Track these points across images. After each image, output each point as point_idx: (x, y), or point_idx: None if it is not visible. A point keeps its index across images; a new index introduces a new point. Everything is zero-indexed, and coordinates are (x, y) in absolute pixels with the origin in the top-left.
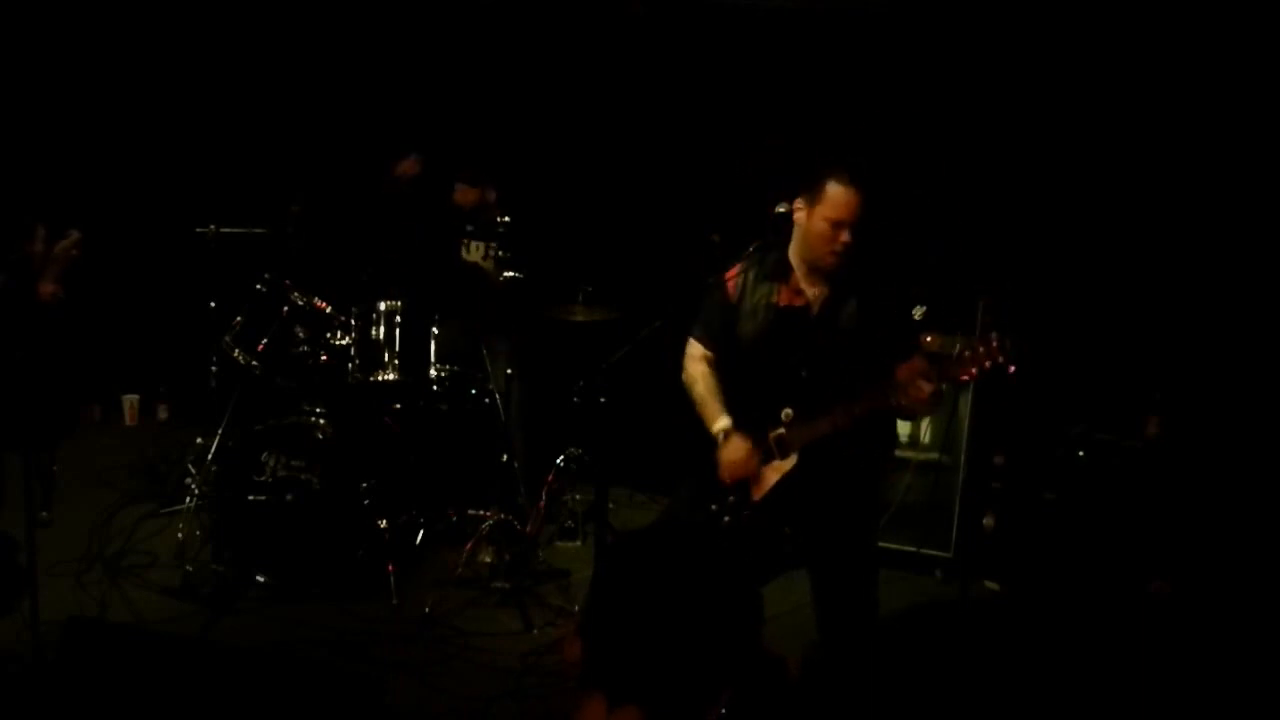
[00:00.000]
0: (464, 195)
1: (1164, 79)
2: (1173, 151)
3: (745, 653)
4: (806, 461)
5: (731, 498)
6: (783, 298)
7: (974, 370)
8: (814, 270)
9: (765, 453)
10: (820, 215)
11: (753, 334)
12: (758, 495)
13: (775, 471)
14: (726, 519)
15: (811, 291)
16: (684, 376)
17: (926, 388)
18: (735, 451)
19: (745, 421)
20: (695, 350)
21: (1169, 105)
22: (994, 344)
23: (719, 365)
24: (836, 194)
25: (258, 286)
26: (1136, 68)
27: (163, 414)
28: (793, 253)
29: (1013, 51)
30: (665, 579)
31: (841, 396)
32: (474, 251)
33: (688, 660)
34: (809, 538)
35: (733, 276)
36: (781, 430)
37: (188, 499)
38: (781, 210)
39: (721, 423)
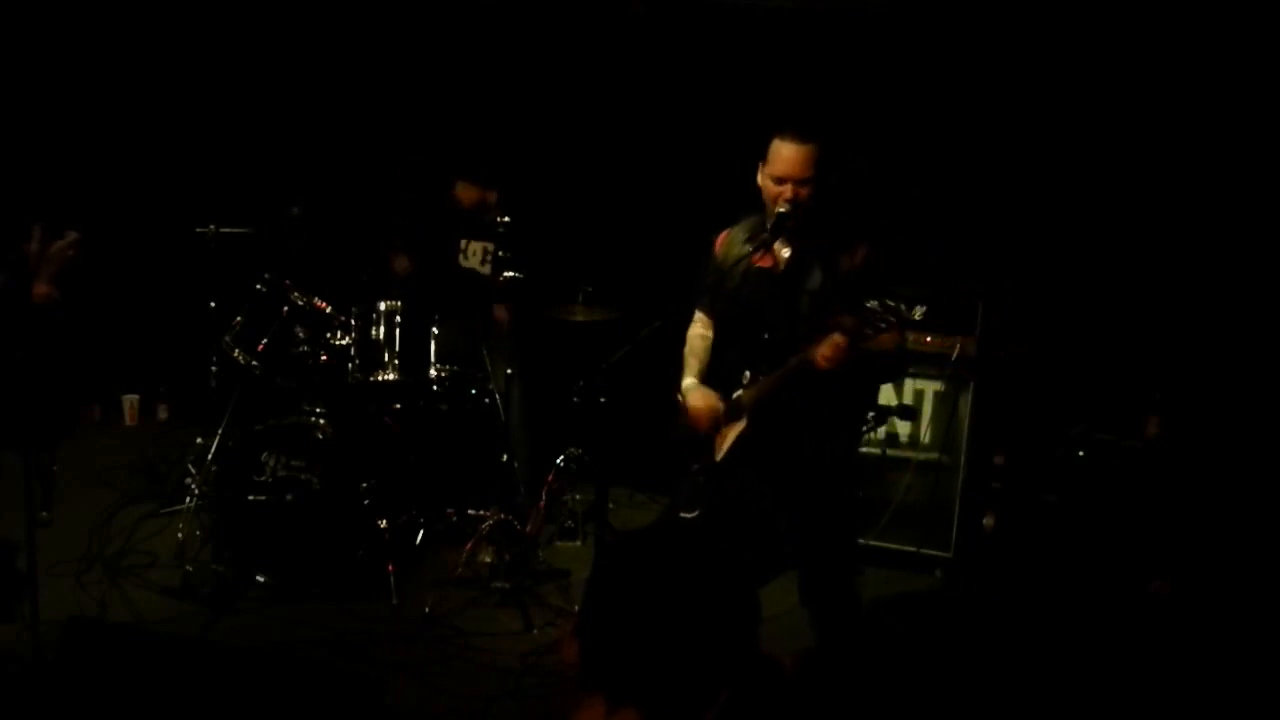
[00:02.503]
0: (465, 193)
1: (1164, 79)
2: (1172, 152)
3: (742, 653)
4: (756, 422)
5: (697, 447)
6: (760, 260)
7: (883, 328)
8: (782, 231)
9: (729, 414)
10: (767, 173)
11: (730, 295)
12: (718, 455)
13: (731, 431)
14: (701, 478)
15: (782, 253)
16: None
17: (838, 341)
18: (695, 404)
19: (721, 383)
20: (698, 315)
21: (1169, 105)
22: (892, 305)
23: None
24: (777, 150)
25: (258, 286)
26: (1136, 68)
27: (163, 414)
28: (770, 229)
29: (1013, 51)
30: (661, 579)
31: (787, 357)
32: (471, 258)
33: (685, 661)
34: (779, 499)
35: (722, 240)
36: (740, 392)
37: (188, 499)
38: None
39: (687, 381)
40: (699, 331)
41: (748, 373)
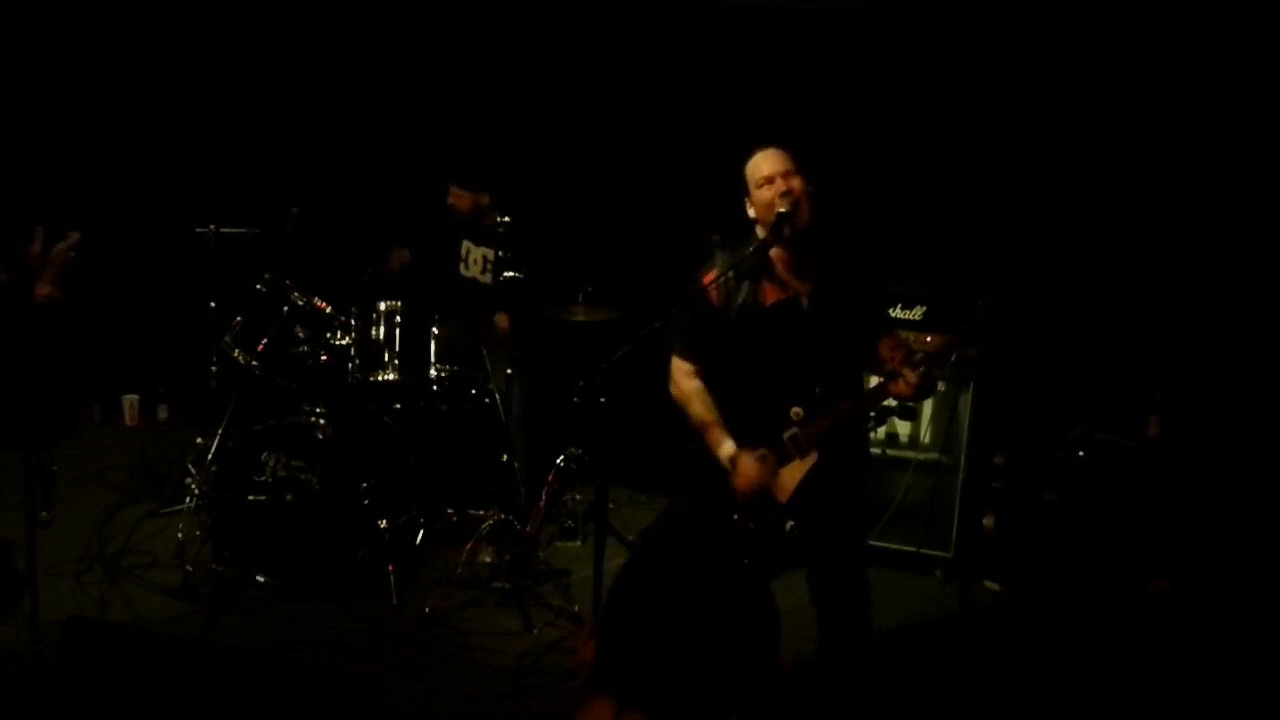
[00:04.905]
0: (459, 199)
1: (1164, 79)
2: (1173, 151)
3: (758, 669)
4: (826, 454)
5: (753, 505)
6: (768, 295)
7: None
8: (798, 261)
9: (782, 455)
10: (754, 188)
11: (745, 337)
12: (783, 497)
13: (796, 470)
14: (752, 525)
15: (799, 283)
16: (674, 392)
17: (912, 377)
18: (749, 472)
19: (752, 425)
20: (682, 365)
21: (1169, 105)
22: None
23: (706, 376)
24: (754, 164)
25: (258, 286)
26: (1137, 67)
27: (163, 414)
28: (770, 233)
29: (1014, 51)
30: (689, 587)
31: (848, 387)
32: (473, 266)
33: (700, 671)
34: (811, 520)
35: (712, 282)
36: (795, 430)
37: (188, 499)
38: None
39: (727, 448)
40: (696, 387)
41: (797, 410)
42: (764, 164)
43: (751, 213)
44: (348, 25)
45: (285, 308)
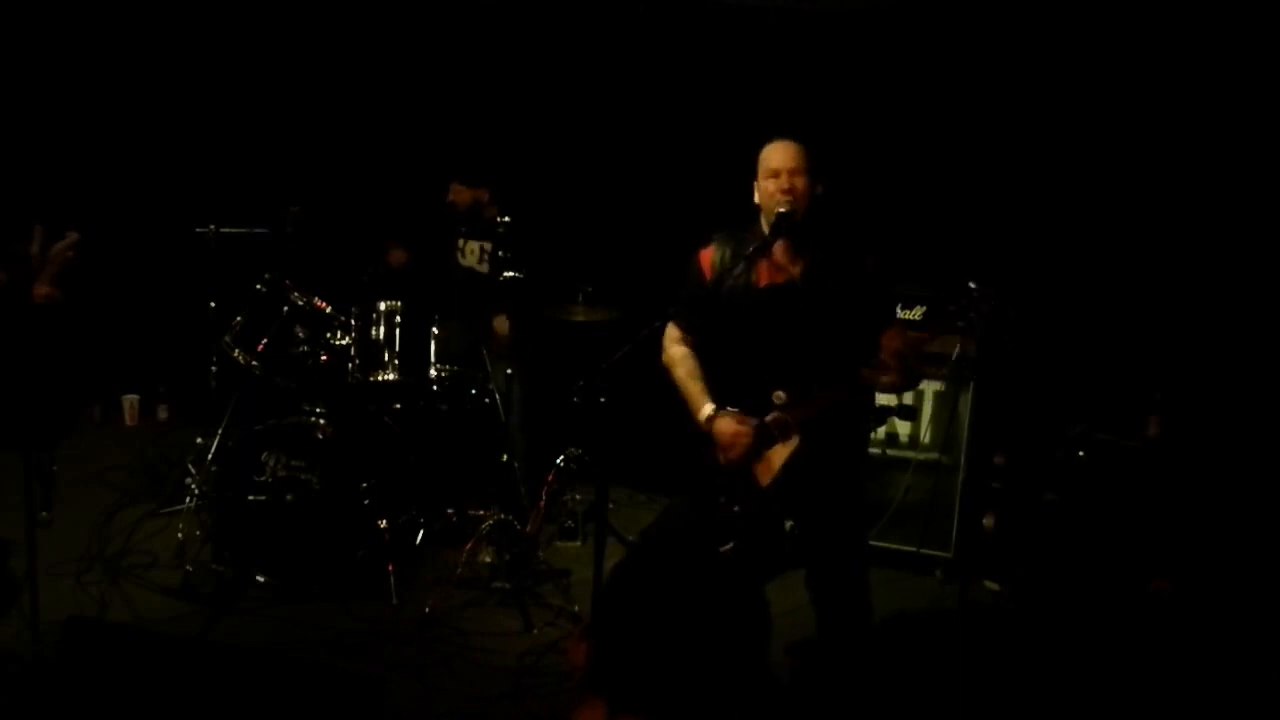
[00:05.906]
0: (459, 195)
1: (1164, 78)
2: (1173, 151)
3: (750, 674)
4: (809, 440)
5: (737, 486)
6: (763, 277)
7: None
8: (796, 246)
9: (765, 438)
10: (762, 176)
11: (736, 317)
12: (765, 480)
13: (779, 454)
14: (736, 508)
15: (795, 267)
16: (664, 358)
17: (893, 362)
18: (728, 430)
19: (739, 406)
20: (674, 333)
21: (1170, 105)
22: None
23: (699, 348)
24: (767, 153)
25: (258, 286)
26: (1137, 67)
27: (163, 414)
28: (770, 231)
29: (1014, 51)
30: (681, 592)
31: (835, 373)
32: (469, 256)
33: (693, 677)
34: (809, 518)
35: (708, 257)
36: (778, 413)
37: (188, 499)
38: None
39: (706, 408)
40: (684, 352)
41: (780, 394)
42: (775, 156)
43: (756, 198)
44: (347, 24)
45: (285, 308)
